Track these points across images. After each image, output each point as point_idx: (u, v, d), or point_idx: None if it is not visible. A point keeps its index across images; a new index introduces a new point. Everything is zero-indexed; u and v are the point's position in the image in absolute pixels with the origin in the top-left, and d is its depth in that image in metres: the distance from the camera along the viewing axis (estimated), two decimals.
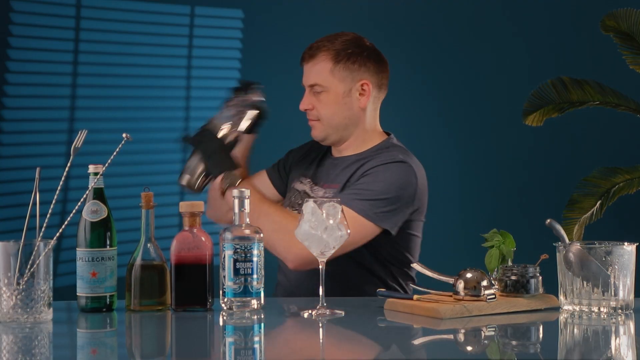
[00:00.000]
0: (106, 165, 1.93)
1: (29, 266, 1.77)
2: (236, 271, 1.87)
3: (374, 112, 2.42)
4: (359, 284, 2.33)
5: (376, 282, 2.33)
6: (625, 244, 1.85)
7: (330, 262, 1.96)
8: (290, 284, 2.38)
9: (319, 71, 2.36)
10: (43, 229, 1.83)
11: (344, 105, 2.36)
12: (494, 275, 1.99)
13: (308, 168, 2.49)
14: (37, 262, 1.77)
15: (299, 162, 2.54)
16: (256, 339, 1.73)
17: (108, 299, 1.93)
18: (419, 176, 2.34)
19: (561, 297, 1.89)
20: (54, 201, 1.85)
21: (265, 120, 2.43)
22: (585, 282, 1.84)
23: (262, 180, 2.54)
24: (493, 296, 1.87)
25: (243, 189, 1.93)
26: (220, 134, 2.31)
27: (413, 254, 2.39)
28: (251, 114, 2.37)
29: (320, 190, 2.40)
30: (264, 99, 2.42)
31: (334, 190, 2.35)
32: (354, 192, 2.26)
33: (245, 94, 2.39)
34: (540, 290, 1.94)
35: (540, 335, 1.79)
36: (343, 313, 1.87)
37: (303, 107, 2.39)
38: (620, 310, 1.83)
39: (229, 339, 1.73)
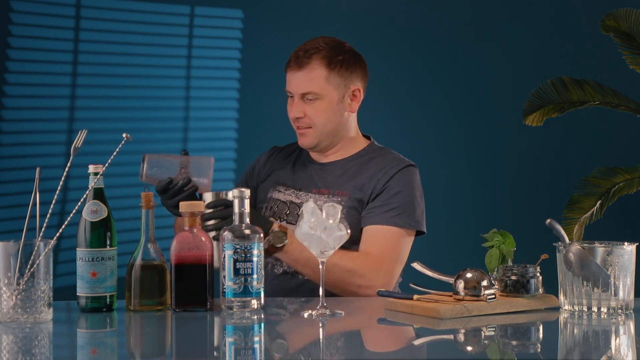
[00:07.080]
0: (106, 165, 1.93)
1: (29, 266, 1.77)
2: (236, 271, 1.87)
3: (355, 116, 2.44)
4: None
5: None
6: (625, 244, 1.85)
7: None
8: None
9: (313, 79, 2.33)
10: (43, 229, 1.83)
11: (337, 112, 2.37)
12: (494, 275, 1.99)
13: (283, 176, 2.46)
14: (37, 262, 1.77)
15: (270, 172, 2.50)
16: (256, 339, 1.73)
17: (108, 299, 1.93)
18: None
19: (561, 297, 1.89)
20: (54, 201, 1.85)
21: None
22: (585, 282, 1.83)
23: None
24: (493, 296, 1.87)
25: (243, 189, 1.92)
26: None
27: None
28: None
29: (307, 195, 2.37)
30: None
31: (345, 198, 2.33)
32: (388, 209, 2.29)
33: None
34: (540, 290, 1.94)
35: (540, 335, 1.79)
36: (343, 313, 1.87)
37: (294, 115, 2.36)
38: (620, 310, 1.83)
39: (229, 339, 1.73)
